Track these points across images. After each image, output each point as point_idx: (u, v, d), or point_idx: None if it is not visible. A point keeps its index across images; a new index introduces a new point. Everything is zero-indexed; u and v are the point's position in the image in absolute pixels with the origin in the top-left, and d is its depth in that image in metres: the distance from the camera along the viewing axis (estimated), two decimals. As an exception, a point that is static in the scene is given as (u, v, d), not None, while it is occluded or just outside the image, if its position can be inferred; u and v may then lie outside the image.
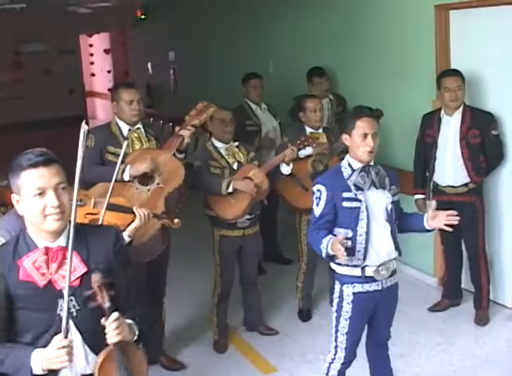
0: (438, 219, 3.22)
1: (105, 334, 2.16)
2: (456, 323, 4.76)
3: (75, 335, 2.20)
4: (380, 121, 4.74)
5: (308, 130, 4.84)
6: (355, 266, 3.22)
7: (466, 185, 4.59)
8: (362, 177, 3.21)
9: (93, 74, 16.26)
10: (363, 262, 3.20)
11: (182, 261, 5.89)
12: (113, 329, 2.14)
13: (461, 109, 4.56)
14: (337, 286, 3.34)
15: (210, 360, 4.47)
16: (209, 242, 4.52)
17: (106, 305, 2.15)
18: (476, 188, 4.61)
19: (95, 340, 2.23)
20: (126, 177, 3.84)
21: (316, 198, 3.24)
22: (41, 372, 2.11)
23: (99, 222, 3.05)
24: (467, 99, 4.67)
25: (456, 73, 4.56)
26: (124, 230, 3.21)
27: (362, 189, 3.21)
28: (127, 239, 3.23)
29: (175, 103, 9.78)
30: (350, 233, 3.16)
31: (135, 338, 2.27)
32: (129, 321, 2.25)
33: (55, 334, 2.13)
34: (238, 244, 4.48)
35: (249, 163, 4.46)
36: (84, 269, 2.20)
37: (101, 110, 16.30)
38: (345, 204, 3.20)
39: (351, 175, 3.23)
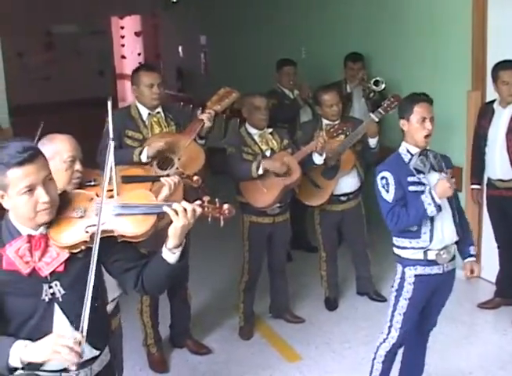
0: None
1: (92, 319, 2.09)
2: (485, 318, 4.71)
3: (62, 320, 2.21)
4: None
5: (325, 122, 4.67)
6: (421, 248, 3.26)
7: None
8: (421, 160, 3.26)
9: (124, 57, 16.27)
10: (429, 243, 3.24)
11: (210, 247, 5.92)
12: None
13: None
14: (399, 268, 3.37)
15: (236, 346, 4.48)
16: (238, 228, 4.51)
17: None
18: None
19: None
20: (144, 158, 3.77)
21: (384, 185, 3.26)
22: (18, 364, 2.02)
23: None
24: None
25: None
26: None
27: (423, 173, 3.25)
28: None
29: (206, 87, 9.73)
30: None
31: None
32: None
33: (40, 319, 2.15)
34: (267, 231, 4.46)
35: (282, 150, 4.40)
36: (67, 254, 2.19)
37: (131, 92, 16.32)
38: (411, 188, 3.25)
39: (411, 159, 3.27)
